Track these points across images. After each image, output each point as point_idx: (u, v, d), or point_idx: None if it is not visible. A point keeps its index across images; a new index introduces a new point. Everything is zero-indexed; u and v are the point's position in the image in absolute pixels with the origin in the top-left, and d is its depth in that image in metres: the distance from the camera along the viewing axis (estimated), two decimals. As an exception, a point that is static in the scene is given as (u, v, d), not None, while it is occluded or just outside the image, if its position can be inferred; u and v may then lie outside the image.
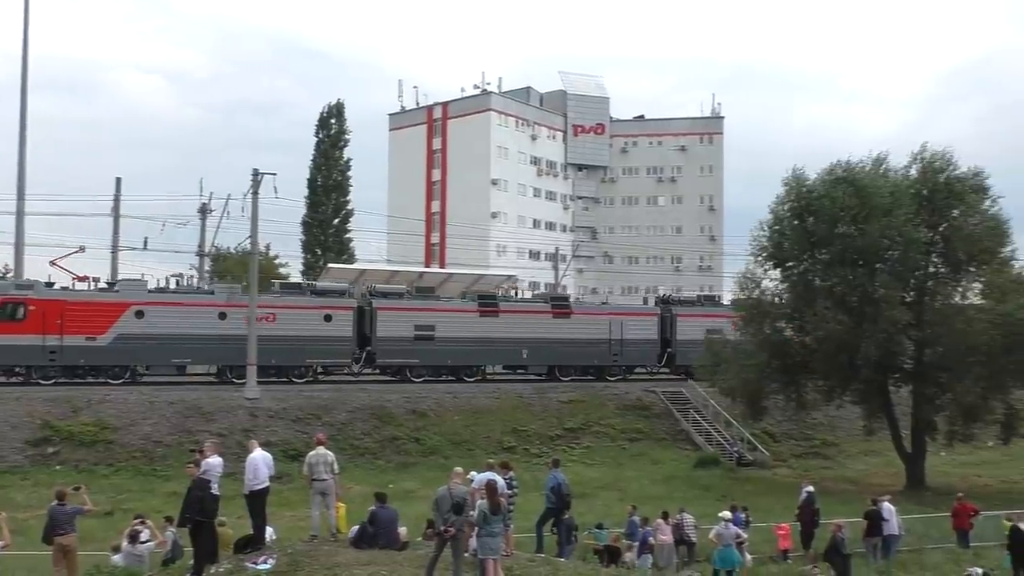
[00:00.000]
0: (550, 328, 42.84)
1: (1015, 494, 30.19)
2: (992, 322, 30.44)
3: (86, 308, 35.25)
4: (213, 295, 38.39)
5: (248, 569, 13.77)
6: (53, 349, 34.50)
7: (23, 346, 34.15)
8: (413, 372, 40.82)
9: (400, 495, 25.14)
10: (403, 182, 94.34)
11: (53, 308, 34.40)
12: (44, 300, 34.64)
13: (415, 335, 40.22)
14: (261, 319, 36.57)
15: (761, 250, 34.04)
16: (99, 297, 36.07)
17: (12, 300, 34.48)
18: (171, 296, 37.59)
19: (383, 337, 39.79)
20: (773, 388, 34.27)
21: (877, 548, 21.08)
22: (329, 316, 38.74)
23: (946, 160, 32.68)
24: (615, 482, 31.41)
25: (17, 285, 35.77)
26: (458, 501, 12.90)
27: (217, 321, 36.77)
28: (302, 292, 40.31)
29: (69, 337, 34.51)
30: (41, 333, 34.19)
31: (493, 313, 41.92)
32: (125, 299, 36.02)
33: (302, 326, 38.19)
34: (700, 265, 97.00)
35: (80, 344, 34.81)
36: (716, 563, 18.13)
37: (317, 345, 38.50)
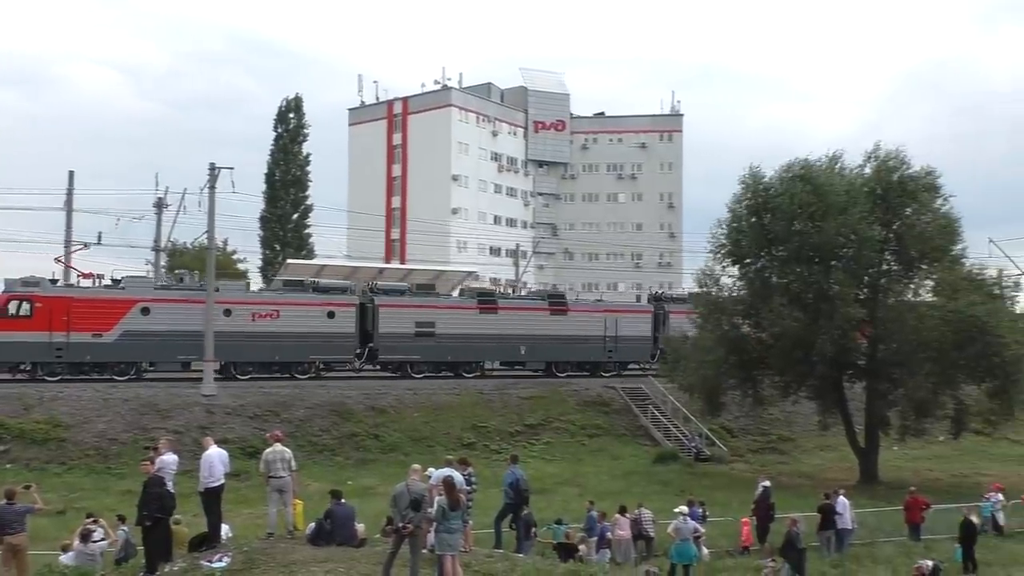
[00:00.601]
0: (547, 325, 43.66)
1: (965, 488, 30.76)
2: (943, 319, 30.97)
3: (93, 305, 35.33)
4: (218, 292, 38.01)
5: (203, 567, 13.65)
6: (60, 346, 34.55)
7: (30, 343, 34.18)
8: (414, 368, 41.26)
9: (359, 492, 25.06)
10: (363, 177, 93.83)
11: (60, 305, 34.48)
12: (51, 297, 34.70)
13: (416, 331, 40.76)
14: (265, 316, 37.48)
15: (719, 247, 34.35)
16: (105, 294, 36.19)
17: (19, 297, 34.51)
18: (176, 293, 37.73)
19: (385, 334, 40.22)
20: (731, 384, 34.60)
21: (831, 541, 21.38)
22: (332, 313, 39.20)
23: (899, 159, 33.20)
24: (574, 478, 31.51)
25: (23, 282, 35.55)
26: (416, 498, 12.87)
27: (222, 318, 36.80)
28: (304, 289, 40.43)
29: (76, 334, 34.61)
30: (48, 330, 34.26)
31: (492, 310, 42.77)
32: (131, 296, 36.08)
33: (306, 323, 38.57)
34: (660, 262, 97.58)
35: (87, 341, 34.90)
36: (673, 557, 18.25)
37: (320, 341, 38.86)
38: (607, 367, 44.91)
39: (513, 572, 14.16)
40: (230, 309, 37.30)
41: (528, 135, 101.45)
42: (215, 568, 13.57)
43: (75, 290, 36.20)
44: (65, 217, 49.20)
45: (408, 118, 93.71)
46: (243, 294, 39.09)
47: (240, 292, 39.17)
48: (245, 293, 39.12)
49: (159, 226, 49.84)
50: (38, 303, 34.41)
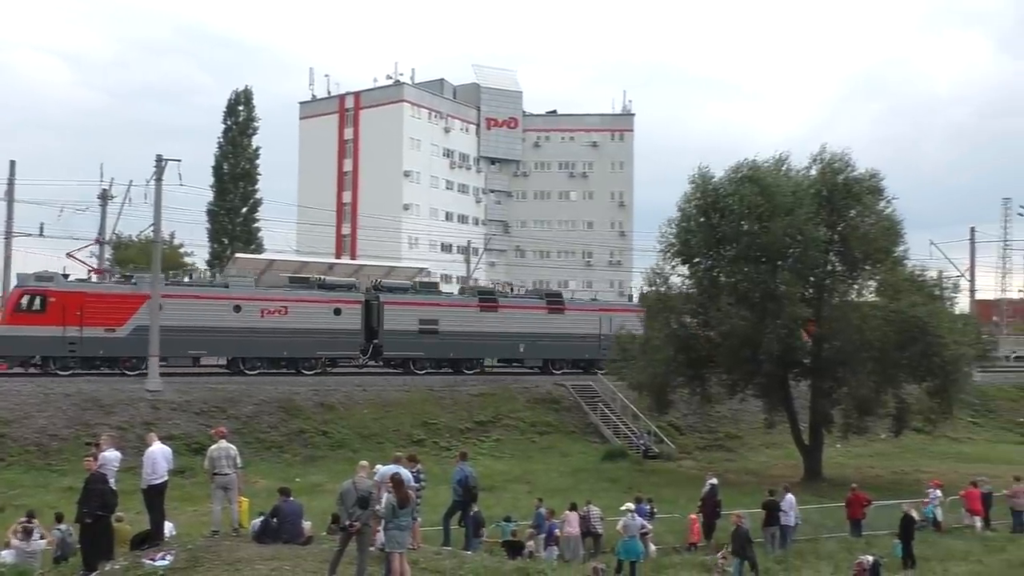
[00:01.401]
0: (544, 323, 44.57)
1: (905, 484, 31.41)
2: (886, 319, 31.53)
3: (105, 300, 35.80)
4: (228, 288, 38.79)
5: (145, 566, 13.44)
6: (73, 340, 34.82)
7: (44, 337, 34.51)
8: (416, 364, 42.10)
9: (307, 489, 24.84)
10: (314, 172, 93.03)
11: (73, 300, 34.78)
12: (64, 292, 35.03)
13: (420, 329, 41.66)
14: (274, 312, 38.36)
15: (669, 246, 34.57)
16: (118, 289, 36.79)
17: (33, 292, 34.90)
18: (188, 289, 38.48)
19: (390, 330, 41.05)
20: (679, 382, 34.87)
21: (775, 538, 21.70)
22: (339, 310, 39.99)
23: (844, 162, 33.70)
24: (524, 475, 31.54)
25: (37, 277, 35.94)
26: (363, 495, 12.80)
27: (232, 314, 37.60)
28: (310, 286, 41.10)
29: (89, 328, 34.87)
30: (61, 325, 34.51)
31: (492, 308, 43.86)
32: (143, 291, 36.22)
33: (313, 319, 39.37)
34: (610, 260, 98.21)
35: (99, 336, 35.23)
36: (620, 554, 18.38)
37: (327, 338, 39.63)
38: (601, 364, 45.11)
39: (461, 569, 14.16)
40: (240, 305, 37.88)
41: (480, 132, 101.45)
42: (158, 566, 13.38)
43: (88, 285, 36.67)
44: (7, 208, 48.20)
45: (360, 113, 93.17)
46: (253, 290, 39.41)
47: (250, 288, 39.48)
48: (255, 289, 39.56)
49: (104, 218, 49.04)
50: (51, 298, 34.75)
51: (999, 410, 49.42)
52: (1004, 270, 77.85)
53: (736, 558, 17.13)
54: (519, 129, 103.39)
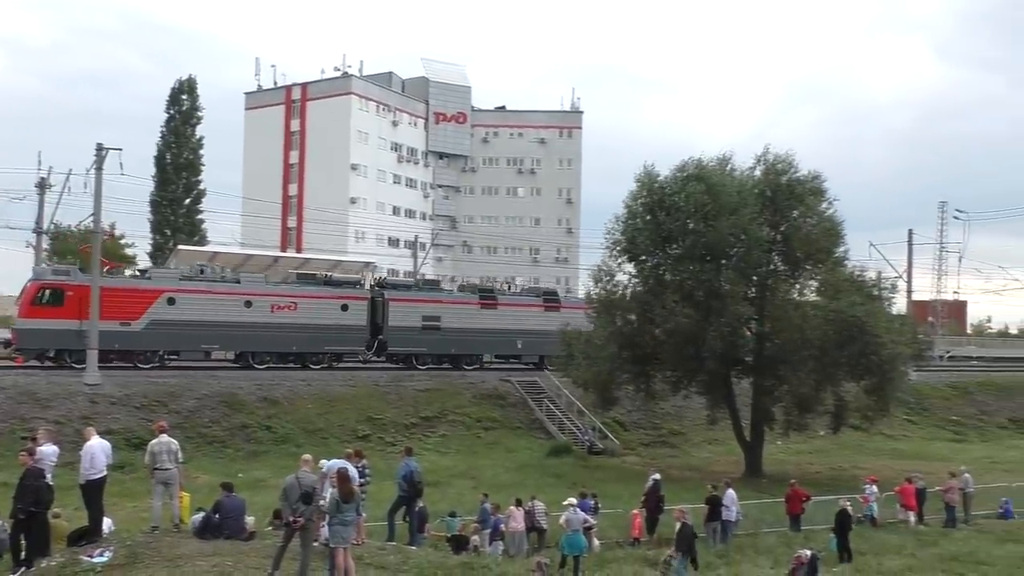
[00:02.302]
0: (541, 321, 44.97)
1: (842, 480, 32.07)
2: (826, 318, 32.09)
3: (121, 294, 36.15)
4: (239, 284, 39.49)
5: (83, 562, 13.20)
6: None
7: (60, 330, 34.87)
8: (419, 360, 42.90)
9: (250, 484, 24.56)
10: (259, 163, 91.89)
11: (89, 294, 34.52)
12: (81, 286, 35.11)
13: (423, 325, 42.68)
14: (283, 308, 39.25)
15: (615, 244, 34.77)
16: (133, 284, 37.42)
17: (51, 286, 35.27)
18: (201, 284, 38.53)
19: (394, 327, 42.09)
20: (624, 379, 35.12)
21: (716, 532, 21.99)
22: (346, 306, 40.84)
23: (787, 163, 34.22)
24: (469, 470, 31.54)
25: (55, 271, 36.67)
26: (307, 490, 12.70)
27: (244, 309, 38.35)
28: (316, 282, 41.92)
29: (105, 322, 34.77)
30: (78, 318, 34.77)
31: (492, 306, 44.71)
32: (158, 286, 37.10)
33: (321, 315, 40.18)
34: (557, 257, 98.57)
35: (115, 329, 35.45)
36: (563, 548, 18.47)
37: (335, 333, 40.43)
38: None
39: (405, 565, 14.15)
40: (251, 301, 38.60)
41: (429, 126, 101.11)
42: (95, 563, 13.15)
43: (104, 280, 36.38)
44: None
45: (307, 104, 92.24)
46: (263, 286, 40.07)
47: (261, 284, 40.20)
48: (265, 285, 40.27)
49: (41, 208, 47.82)
50: (68, 291, 35.09)
51: (933, 408, 50.67)
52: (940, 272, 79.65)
53: (681, 555, 17.33)
54: (468, 124, 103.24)
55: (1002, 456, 41.50)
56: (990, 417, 51.82)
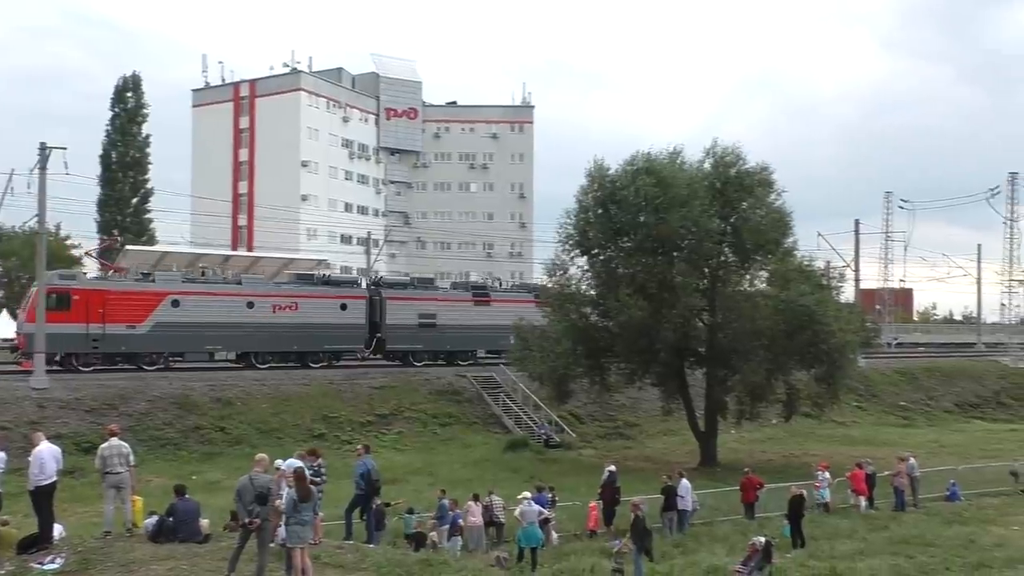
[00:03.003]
0: (534, 316, 44.39)
1: (795, 467, 32.57)
2: (776, 308, 32.55)
3: (127, 297, 36.79)
4: (241, 285, 40.31)
5: (33, 570, 12.96)
6: (96, 337, 35.89)
7: (69, 334, 35.30)
8: (415, 357, 43.70)
9: (204, 486, 24.31)
10: (208, 161, 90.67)
11: (96, 298, 35.78)
12: (88, 290, 36.15)
13: (419, 323, 43.56)
14: (285, 308, 40.00)
15: (568, 238, 34.88)
16: (138, 287, 37.73)
17: (58, 290, 35.59)
18: (204, 286, 39.37)
19: (392, 325, 42.97)
20: (579, 372, 35.24)
21: (673, 522, 22.24)
22: (345, 305, 41.67)
23: (736, 155, 34.55)
24: (426, 467, 31.50)
25: (61, 275, 37.30)
26: (261, 491, 12.59)
27: (246, 310, 39.08)
28: (315, 282, 42.86)
29: (111, 325, 35.88)
30: (85, 322, 35.49)
31: (485, 303, 45.41)
32: (162, 289, 37.70)
33: (321, 314, 40.95)
34: (511, 252, 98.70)
35: (121, 332, 36.29)
36: (520, 541, 18.56)
37: (334, 332, 41.22)
38: None
39: (363, 563, 14.10)
40: (253, 302, 39.30)
41: (380, 122, 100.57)
42: (46, 570, 12.92)
43: (110, 283, 37.54)
44: None
45: (256, 101, 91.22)
46: (265, 287, 40.99)
47: (262, 285, 41.11)
48: (266, 286, 41.13)
49: (-17, 208, 46.64)
50: (75, 296, 35.71)
51: (882, 394, 51.69)
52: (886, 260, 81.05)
53: (635, 546, 17.48)
54: (419, 120, 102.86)
55: (948, 440, 42.51)
56: (936, 402, 53.05)
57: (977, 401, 54.87)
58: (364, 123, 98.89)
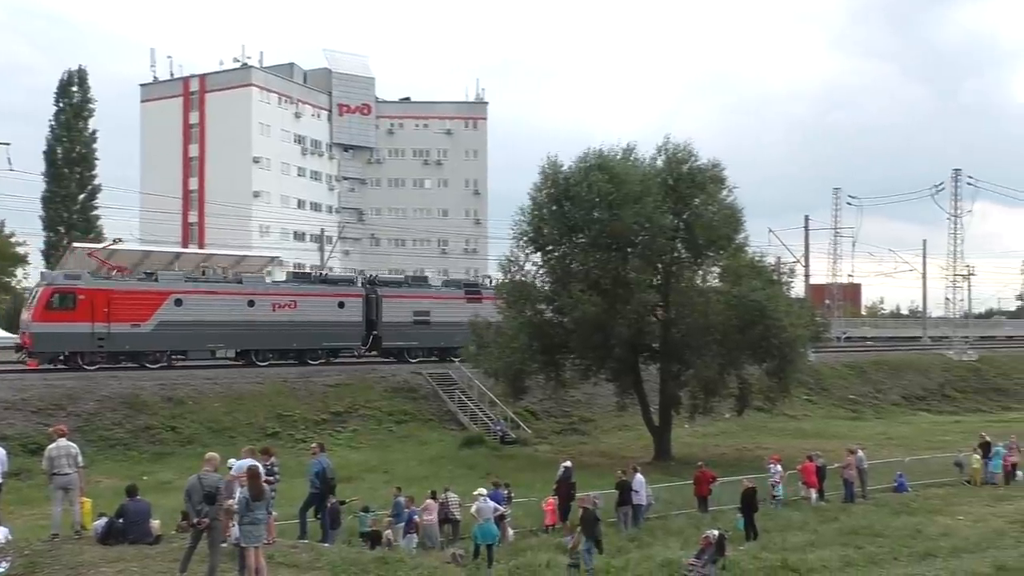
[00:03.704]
0: None
1: (747, 460, 32.97)
2: (728, 303, 32.88)
3: (131, 297, 37.28)
4: (242, 284, 41.13)
5: (-22, 574, 12.68)
6: (101, 336, 36.32)
7: (74, 333, 35.82)
8: (410, 353, 44.23)
9: (155, 487, 23.95)
10: (157, 157, 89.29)
11: (101, 297, 36.25)
12: (93, 289, 36.41)
13: (414, 320, 44.42)
14: (284, 306, 40.60)
15: (522, 234, 34.95)
16: (142, 286, 38.22)
17: (63, 290, 36.05)
18: (206, 285, 40.01)
19: (388, 322, 43.77)
20: (534, 368, 35.26)
21: (627, 516, 22.38)
22: (342, 303, 42.43)
23: (688, 152, 34.81)
24: (382, 464, 31.34)
25: (66, 275, 37.55)
26: (209, 490, 12.46)
27: (247, 308, 39.72)
28: (313, 281, 44.28)
29: (116, 324, 36.34)
30: (90, 321, 35.89)
31: (477, 300, 45.32)
32: (166, 288, 38.26)
33: (320, 312, 41.71)
34: (466, 248, 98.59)
35: (126, 331, 36.76)
36: (476, 538, 18.55)
37: (332, 329, 41.96)
38: None
39: (318, 562, 14.01)
40: (253, 300, 39.99)
41: (333, 118, 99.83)
42: (-8, 575, 12.66)
43: (115, 282, 37.82)
44: None
45: (206, 96, 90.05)
46: (265, 286, 42.18)
47: (262, 284, 42.30)
48: (266, 285, 42.37)
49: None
50: (81, 295, 36.02)
51: (832, 388, 52.52)
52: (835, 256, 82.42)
53: (585, 539, 17.57)
54: (372, 116, 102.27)
55: (895, 432, 43.33)
56: (884, 395, 54.04)
57: (923, 394, 56.00)
58: (317, 119, 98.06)
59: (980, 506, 25.60)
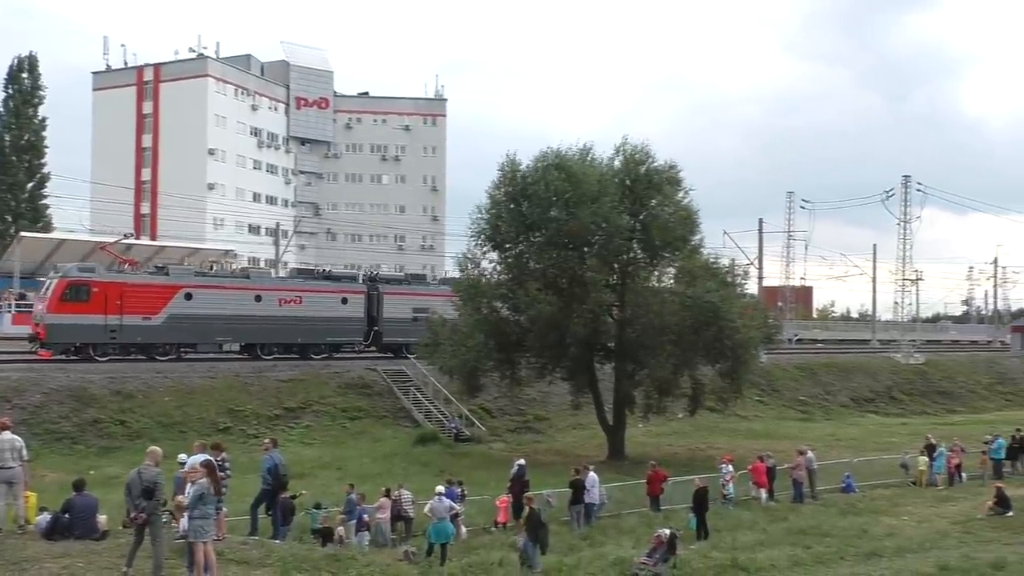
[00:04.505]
0: None
1: (699, 460, 33.26)
2: (683, 304, 33.15)
3: (143, 290, 38.18)
4: (249, 279, 42.32)
5: (-82, 571, 12.38)
6: (114, 328, 37.02)
7: (87, 325, 36.49)
8: (409, 349, 43.63)
9: (103, 481, 23.48)
10: (110, 147, 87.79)
11: (114, 290, 37.01)
12: (106, 282, 37.19)
13: (413, 316, 44.73)
14: (290, 302, 41.62)
15: (479, 232, 34.92)
16: (154, 280, 39.23)
17: (78, 282, 36.69)
18: (215, 280, 41.36)
19: (388, 318, 44.80)
20: (489, 366, 35.28)
21: (580, 515, 22.47)
22: (345, 299, 43.54)
23: (645, 153, 35.03)
24: (335, 461, 31.13)
25: (80, 268, 38.25)
26: (148, 485, 12.30)
27: (254, 303, 40.64)
28: (317, 277, 45.20)
29: (128, 317, 37.11)
30: (103, 313, 36.65)
31: None
32: (176, 282, 39.14)
33: (324, 308, 42.73)
34: (423, 245, 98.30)
35: (137, 323, 37.53)
36: (431, 537, 18.50)
37: (336, 325, 42.89)
38: None
39: (269, 559, 13.88)
40: (260, 295, 40.95)
41: (290, 111, 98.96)
42: (-68, 571, 12.35)
43: (127, 276, 38.78)
44: None
45: (160, 86, 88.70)
46: (271, 281, 43.59)
47: (269, 280, 43.71)
48: (272, 280, 43.84)
49: None
50: (94, 288, 36.70)
51: (783, 389, 53.19)
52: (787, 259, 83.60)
53: (528, 539, 17.62)
54: (330, 110, 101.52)
55: (844, 433, 44.02)
56: (833, 396, 54.86)
57: (871, 396, 56.96)
58: (274, 112, 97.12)
59: (924, 507, 26.09)
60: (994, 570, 16.60)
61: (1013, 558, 17.68)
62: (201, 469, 12.80)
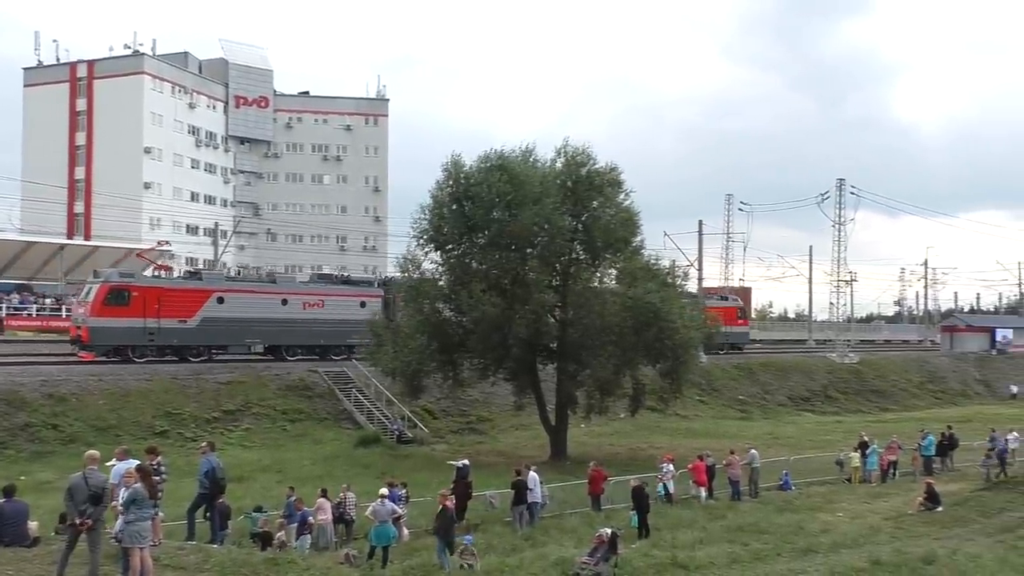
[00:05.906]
0: None
1: (640, 460, 33.57)
2: (624, 305, 33.43)
3: (179, 294, 39.78)
4: (276, 284, 45.00)
5: None
6: (152, 331, 38.60)
7: (128, 328, 38.05)
8: None
9: (34, 487, 22.91)
10: (41, 144, 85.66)
11: (152, 294, 38.69)
12: (145, 287, 39.12)
13: None
14: (313, 305, 43.60)
15: (422, 233, 34.76)
16: (189, 284, 41.07)
17: (119, 287, 38.16)
18: (245, 284, 44.19)
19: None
20: (432, 367, 35.11)
21: (523, 515, 22.52)
22: (364, 303, 44.59)
23: (586, 155, 35.20)
24: (275, 464, 30.73)
25: (121, 274, 39.83)
26: (96, 491, 12.00)
27: (280, 306, 42.56)
28: (335, 281, 47.53)
29: (165, 320, 38.76)
30: (142, 316, 38.19)
31: None
32: (209, 287, 41.04)
33: (344, 311, 44.01)
34: (365, 245, 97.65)
35: (174, 326, 39.19)
36: (372, 540, 18.39)
37: (355, 327, 41.83)
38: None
39: (207, 564, 13.67)
40: (287, 299, 42.98)
41: (229, 110, 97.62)
42: None
43: (164, 281, 41.38)
44: None
45: (94, 83, 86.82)
46: (296, 286, 46.01)
47: (294, 284, 46.27)
48: (297, 285, 46.12)
49: None
50: (134, 292, 38.26)
51: (722, 389, 53.97)
52: (727, 260, 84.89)
53: (439, 539, 17.61)
54: (270, 109, 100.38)
55: (782, 432, 44.81)
56: (771, 396, 55.85)
57: (808, 395, 58.12)
58: (212, 110, 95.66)
59: (858, 503, 26.70)
60: (924, 564, 17.02)
61: (943, 552, 18.17)
62: (135, 474, 12.55)
